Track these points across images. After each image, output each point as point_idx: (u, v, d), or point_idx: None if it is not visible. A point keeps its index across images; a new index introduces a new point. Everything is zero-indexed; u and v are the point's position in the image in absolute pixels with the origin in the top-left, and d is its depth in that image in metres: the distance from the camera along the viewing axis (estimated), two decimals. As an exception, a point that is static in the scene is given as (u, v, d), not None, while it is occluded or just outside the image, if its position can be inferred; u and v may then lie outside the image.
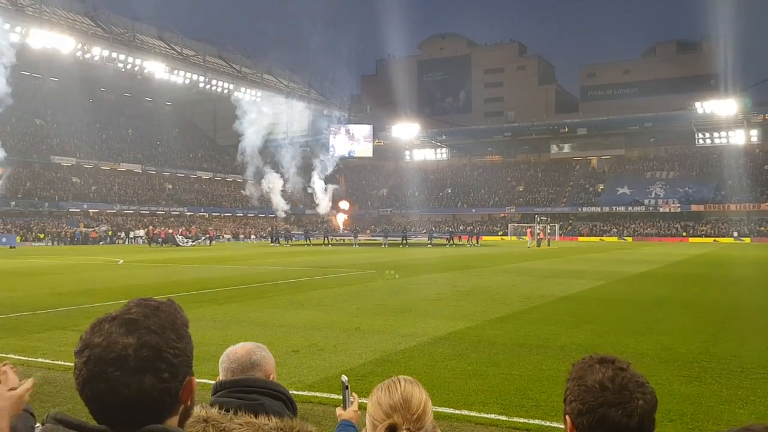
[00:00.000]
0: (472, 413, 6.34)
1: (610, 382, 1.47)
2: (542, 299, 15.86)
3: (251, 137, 79.20)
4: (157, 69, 73.49)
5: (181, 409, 1.30)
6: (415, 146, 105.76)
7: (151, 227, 67.14)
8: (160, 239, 58.98)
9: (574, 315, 13.23)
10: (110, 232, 67.87)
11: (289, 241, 65.88)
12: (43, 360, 8.59)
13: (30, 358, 8.65)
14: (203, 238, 64.28)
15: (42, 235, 62.80)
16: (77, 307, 14.16)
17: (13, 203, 64.52)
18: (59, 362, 8.43)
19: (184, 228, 69.54)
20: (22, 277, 23.26)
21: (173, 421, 1.28)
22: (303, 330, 11.19)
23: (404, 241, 60.02)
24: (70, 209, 70.10)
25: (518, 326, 11.66)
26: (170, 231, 62.85)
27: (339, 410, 2.29)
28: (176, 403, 1.28)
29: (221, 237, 74.30)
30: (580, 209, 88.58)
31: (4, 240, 56.19)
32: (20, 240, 58.87)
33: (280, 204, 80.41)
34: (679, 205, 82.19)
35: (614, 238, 78.80)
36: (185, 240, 60.04)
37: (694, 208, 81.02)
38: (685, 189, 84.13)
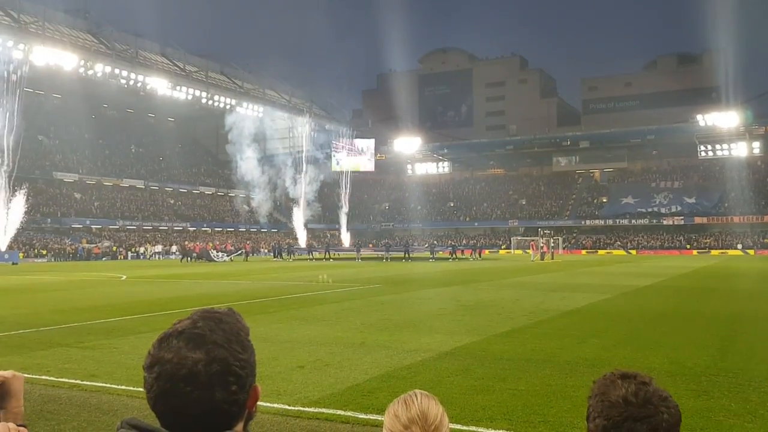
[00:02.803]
0: (480, 429, 6.29)
1: (633, 397, 1.45)
2: (548, 313, 15.79)
3: (253, 152, 79.45)
4: (159, 85, 73.83)
5: (246, 414, 1.34)
6: (416, 160, 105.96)
7: (186, 242, 67.12)
8: (194, 254, 58.76)
9: (581, 329, 13.16)
10: (114, 248, 67.95)
11: (292, 255, 65.94)
12: (47, 377, 8.54)
13: (34, 376, 8.59)
14: (239, 252, 64.23)
15: (44, 252, 62.82)
16: (81, 324, 14.10)
17: (19, 226, 64.53)
18: (63, 379, 8.38)
19: (218, 242, 69.46)
20: (25, 293, 23.23)
21: (239, 427, 1.32)
22: (308, 345, 11.14)
23: (406, 255, 59.98)
24: (72, 225, 70.17)
25: (524, 341, 11.60)
26: (204, 246, 62.53)
27: None
28: (243, 411, 1.32)
29: (260, 251, 74.32)
30: (583, 222, 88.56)
31: (6, 257, 56.22)
32: (23, 256, 58.89)
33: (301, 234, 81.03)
34: (682, 217, 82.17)
35: (621, 252, 78.63)
36: (220, 255, 59.77)
37: (697, 220, 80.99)
38: (689, 200, 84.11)
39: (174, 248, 73.51)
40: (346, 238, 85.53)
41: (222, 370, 1.25)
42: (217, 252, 60.84)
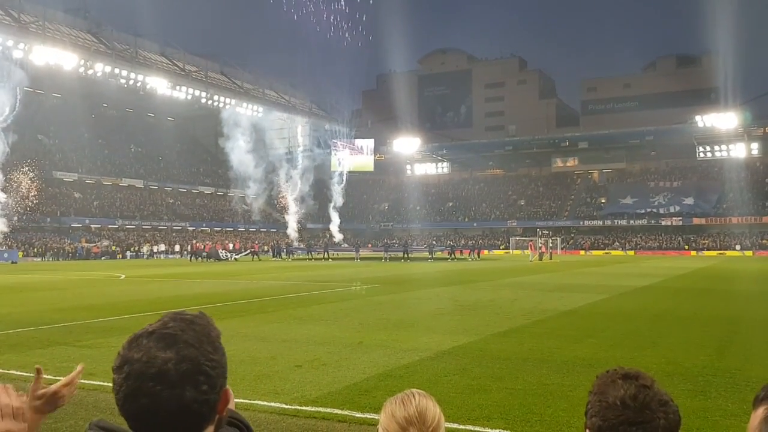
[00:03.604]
0: (476, 428, 6.30)
1: (631, 400, 1.42)
2: (545, 313, 15.81)
3: (252, 152, 79.36)
4: (159, 85, 73.80)
5: (216, 418, 1.32)
6: (416, 160, 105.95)
7: (194, 241, 66.91)
8: (204, 254, 58.64)
9: (578, 329, 13.18)
10: (114, 247, 67.88)
11: (291, 255, 65.94)
12: (44, 376, 8.47)
13: (32, 374, 8.59)
14: (247, 252, 64.08)
15: (43, 250, 62.76)
16: (79, 323, 14.11)
17: (15, 218, 64.56)
18: (61, 378, 8.37)
19: (227, 242, 69.25)
20: (23, 292, 23.22)
21: (209, 431, 1.31)
22: (306, 345, 11.15)
23: (405, 256, 60.00)
24: (72, 224, 70.16)
25: (521, 340, 11.62)
26: (214, 245, 62.26)
27: None
28: (214, 414, 1.30)
29: (266, 251, 73.51)
30: (581, 223, 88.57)
31: (6, 255, 56.20)
32: (22, 255, 58.87)
33: (293, 234, 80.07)
34: (680, 218, 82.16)
35: (619, 252, 78.71)
36: (228, 254, 59.64)
37: (696, 221, 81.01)
38: (687, 201, 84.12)
39: (177, 247, 73.55)
40: (336, 232, 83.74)
41: (192, 369, 1.24)
42: (226, 252, 60.75)
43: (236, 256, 60.10)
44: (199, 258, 58.04)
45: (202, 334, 1.30)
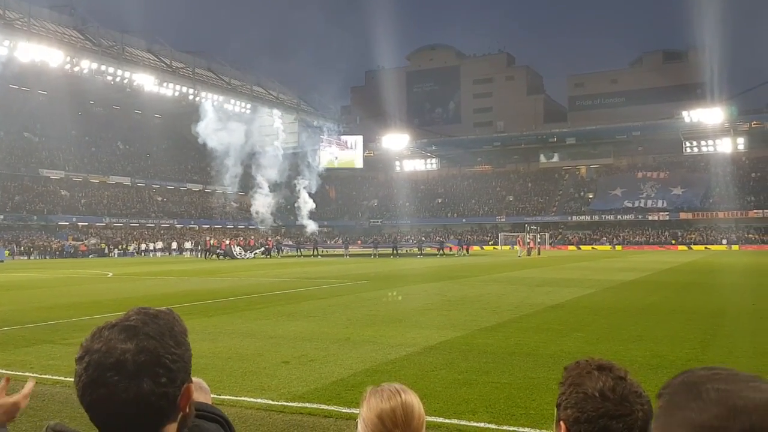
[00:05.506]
0: (462, 422, 6.34)
1: (611, 392, 1.41)
2: (532, 308, 15.89)
3: (240, 149, 79.05)
4: (146, 81, 73.43)
5: (179, 416, 1.31)
6: (405, 157, 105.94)
7: (207, 238, 66.33)
8: (220, 251, 57.57)
9: (564, 323, 13.26)
10: (103, 245, 67.47)
11: (280, 252, 65.75)
12: (30, 374, 8.50)
13: (17, 373, 8.57)
14: (262, 249, 63.32)
15: (30, 248, 62.36)
16: (65, 321, 14.07)
17: (2, 217, 64.13)
18: (47, 376, 8.37)
19: (241, 239, 68.18)
20: (9, 291, 23.09)
21: (172, 428, 1.30)
22: (293, 341, 11.17)
23: (395, 252, 60.04)
24: (59, 222, 69.75)
25: (508, 335, 11.68)
26: (229, 243, 60.92)
27: None
28: (175, 410, 1.29)
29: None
30: (569, 218, 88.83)
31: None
32: (8, 254, 58.45)
33: (264, 216, 79.14)
34: (667, 213, 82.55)
35: (607, 247, 79.03)
36: (243, 252, 58.56)
37: (682, 215, 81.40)
38: (675, 191, 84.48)
39: (174, 245, 73.09)
40: (306, 216, 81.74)
41: (151, 361, 1.24)
42: (240, 248, 59.47)
43: (250, 255, 58.90)
44: (214, 255, 57.16)
45: (165, 328, 1.31)
